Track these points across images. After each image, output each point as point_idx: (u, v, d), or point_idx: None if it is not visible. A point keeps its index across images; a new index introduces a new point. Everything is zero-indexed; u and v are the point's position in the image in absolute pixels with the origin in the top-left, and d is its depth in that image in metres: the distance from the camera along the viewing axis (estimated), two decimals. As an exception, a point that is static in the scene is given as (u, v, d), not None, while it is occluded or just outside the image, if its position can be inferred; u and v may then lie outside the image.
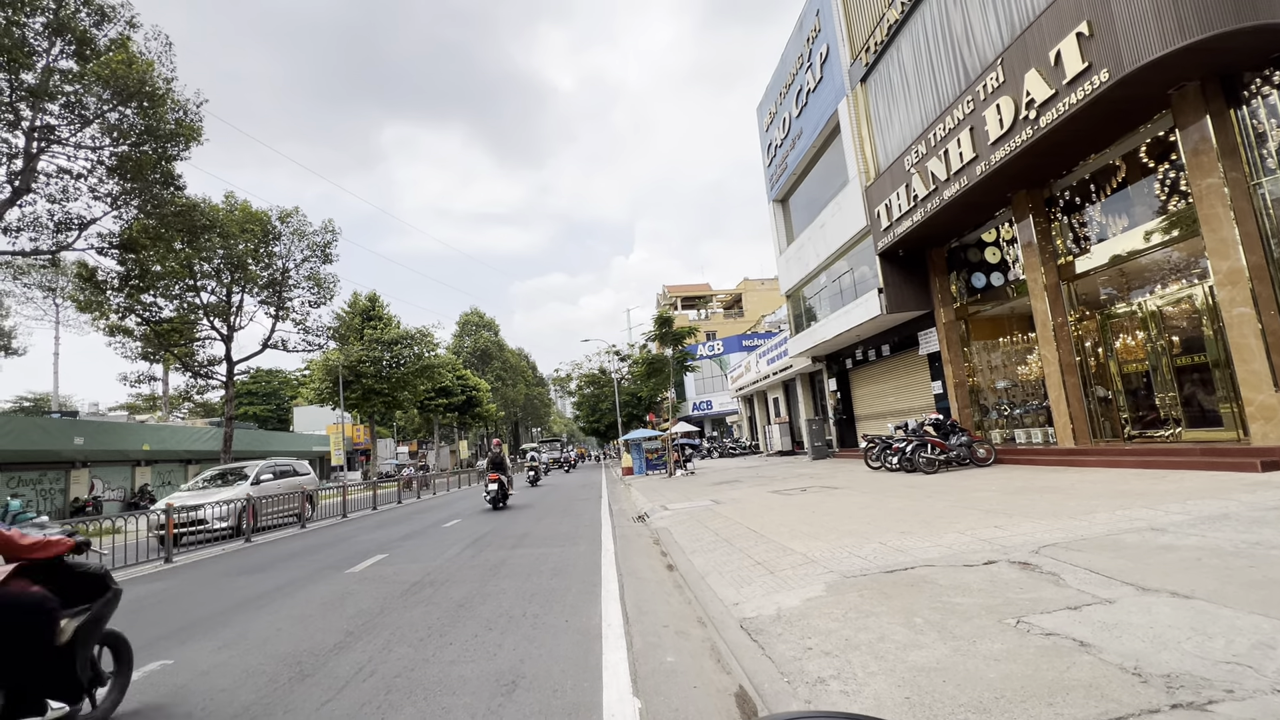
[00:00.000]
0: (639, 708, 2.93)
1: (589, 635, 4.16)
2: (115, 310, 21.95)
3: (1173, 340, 9.73)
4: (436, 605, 5.34)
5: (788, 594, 4.45)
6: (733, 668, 3.42)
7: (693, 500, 11.71)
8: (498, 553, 8.01)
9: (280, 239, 25.37)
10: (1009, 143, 10.09)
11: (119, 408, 48.10)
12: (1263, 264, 7.90)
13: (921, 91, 13.73)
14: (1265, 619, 2.98)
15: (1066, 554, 4.59)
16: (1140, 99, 8.66)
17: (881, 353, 18.34)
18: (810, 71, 19.05)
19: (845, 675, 2.91)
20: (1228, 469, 7.94)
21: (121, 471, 26.49)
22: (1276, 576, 3.59)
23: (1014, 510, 6.71)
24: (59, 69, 16.10)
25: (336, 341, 29.66)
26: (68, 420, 25.51)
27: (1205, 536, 4.69)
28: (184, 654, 4.46)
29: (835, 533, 6.54)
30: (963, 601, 3.75)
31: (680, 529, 8.45)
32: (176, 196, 19.23)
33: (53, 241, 18.15)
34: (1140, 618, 3.18)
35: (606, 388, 48.63)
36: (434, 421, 53.89)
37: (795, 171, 21.52)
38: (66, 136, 17.00)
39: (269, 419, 56.73)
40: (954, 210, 12.42)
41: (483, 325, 74.33)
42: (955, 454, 12.26)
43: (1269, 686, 2.35)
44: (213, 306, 24.18)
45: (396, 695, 3.32)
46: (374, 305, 39.43)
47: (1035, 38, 9.42)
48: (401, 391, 37.90)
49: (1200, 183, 8.31)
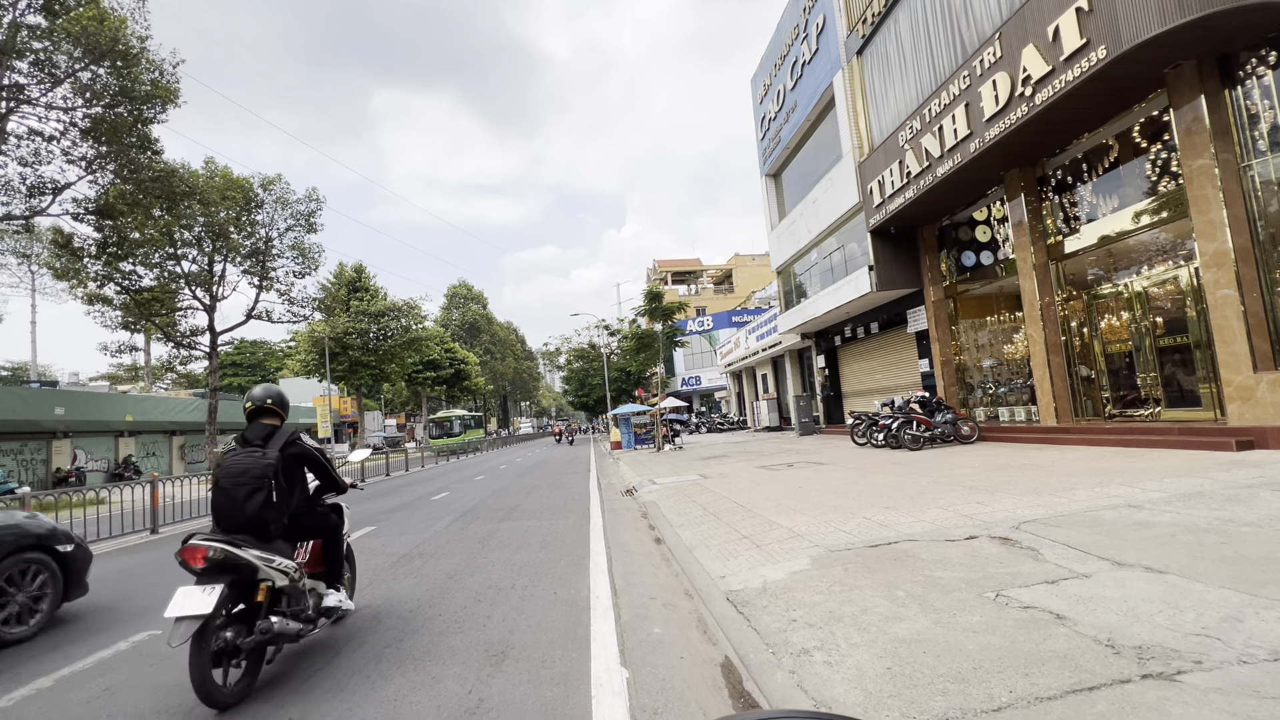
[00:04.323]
0: (627, 678, 2.99)
1: (577, 607, 4.21)
2: (93, 278, 21.44)
3: (1156, 321, 9.85)
4: (425, 577, 5.38)
5: (773, 567, 4.52)
6: (719, 639, 3.48)
7: (680, 475, 11.82)
8: (486, 525, 8.06)
9: (263, 207, 24.80)
10: (1004, 119, 10.01)
11: (100, 378, 47.42)
12: (1248, 246, 7.97)
13: (918, 66, 13.55)
14: (1234, 593, 3.08)
15: (1046, 530, 4.70)
16: (1137, 77, 8.61)
17: (870, 330, 18.43)
18: (806, 43, 18.70)
19: (829, 647, 2.97)
20: (1204, 448, 8.13)
21: (104, 442, 26.23)
22: (1247, 552, 3.70)
23: (996, 487, 6.84)
24: (26, 24, 15.40)
25: (322, 313, 29.25)
26: (48, 390, 25.10)
27: (1180, 513, 4.81)
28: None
29: (821, 508, 6.64)
30: (944, 575, 3.83)
31: (668, 503, 8.54)
32: (154, 161, 18.64)
33: (25, 206, 17.58)
34: (1115, 591, 3.27)
35: (595, 362, 48.61)
36: (422, 394, 53.73)
37: (789, 145, 21.28)
38: (36, 97, 16.35)
39: (254, 390, 56.17)
40: (947, 188, 12.37)
41: (471, 298, 73.74)
42: (940, 431, 12.44)
43: (1236, 658, 2.43)
44: (194, 276, 23.70)
45: (386, 665, 3.35)
46: (360, 276, 38.90)
47: (1034, 12, 9.28)
48: (389, 364, 37.67)
49: (1191, 163, 8.32)
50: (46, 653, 3.99)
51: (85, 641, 4.17)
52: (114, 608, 5.10)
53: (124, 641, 4.10)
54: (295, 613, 3.34)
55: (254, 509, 3.18)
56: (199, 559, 3.00)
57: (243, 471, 3.23)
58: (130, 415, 26.84)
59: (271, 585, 3.18)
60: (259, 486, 3.21)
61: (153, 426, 28.53)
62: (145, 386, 40.00)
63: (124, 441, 27.15)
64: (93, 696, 3.22)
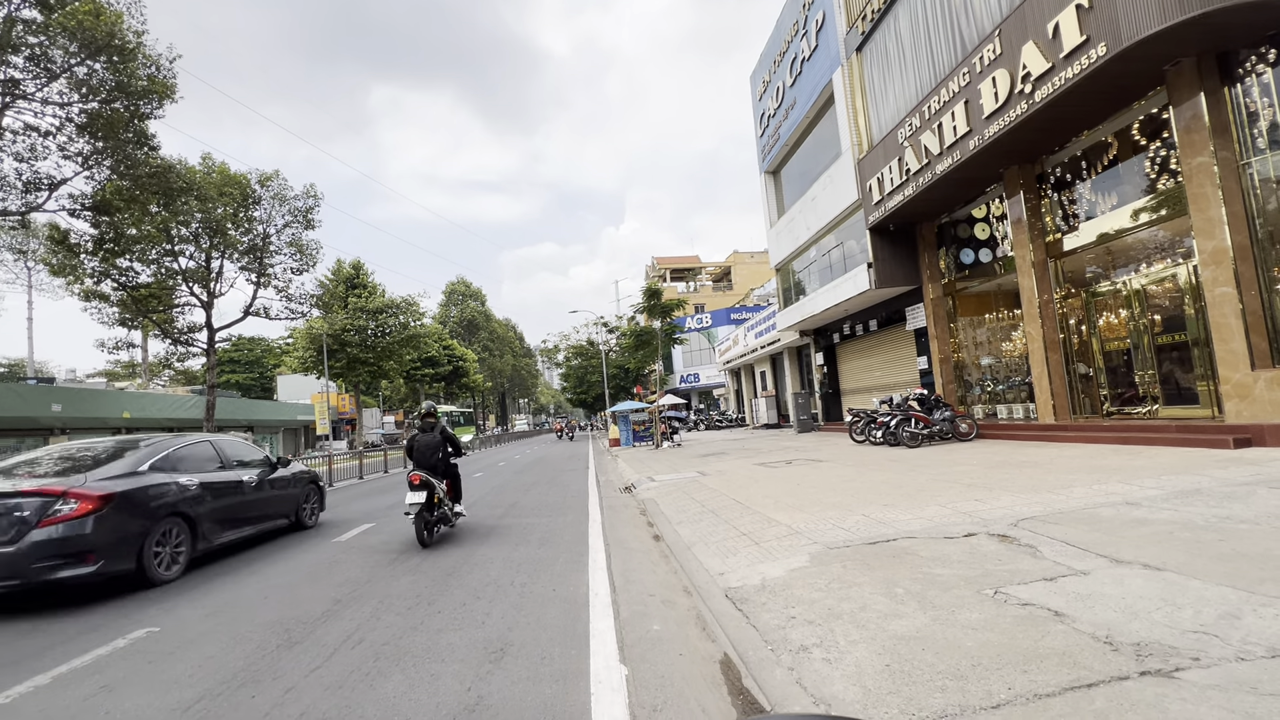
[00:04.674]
0: (626, 675, 2.99)
1: (576, 604, 4.21)
2: (90, 274, 21.33)
3: (1154, 319, 9.87)
4: (424, 574, 5.38)
5: (772, 564, 4.52)
6: (718, 636, 3.48)
7: (679, 472, 11.83)
8: (485, 522, 8.05)
9: (260, 203, 24.68)
10: (1004, 117, 10.00)
11: (97, 375, 47.25)
12: (1247, 244, 7.97)
13: (917, 62, 13.52)
14: (1232, 590, 3.09)
15: (1044, 527, 4.70)
16: (1136, 74, 8.60)
17: (869, 327, 18.43)
18: (805, 39, 18.66)
19: (827, 644, 2.97)
20: (1202, 445, 8.15)
21: (102, 439, 26.14)
22: (1244, 550, 3.71)
23: (994, 484, 6.85)
24: (21, 18, 15.31)
25: (320, 309, 29.16)
26: (44, 387, 25.03)
27: (1178, 511, 4.82)
28: (170, 621, 4.46)
29: (819, 505, 6.65)
30: (943, 572, 3.84)
31: (667, 500, 8.54)
32: (151, 157, 18.53)
33: (21, 202, 17.49)
34: (1113, 589, 3.28)
35: (594, 360, 48.59)
36: (420, 391, 53.69)
37: (788, 143, 21.24)
38: (32, 91, 16.24)
39: (252, 387, 56.16)
40: (946, 185, 12.37)
41: (469, 295, 73.63)
42: (938, 429, 12.45)
43: (1233, 655, 2.43)
44: (191, 272, 23.60)
45: (384, 662, 3.35)
46: (358, 273, 38.79)
47: (1034, 9, 9.26)
48: (387, 361, 37.60)
49: (1191, 161, 8.32)
50: (44, 650, 3.98)
51: (83, 639, 4.17)
52: (113, 604, 5.08)
53: (122, 639, 4.09)
54: (442, 513, 6.89)
55: (433, 460, 7.01)
56: (416, 480, 6.47)
57: (427, 443, 7.04)
58: (128, 412, 26.76)
59: (439, 496, 6.74)
60: (435, 449, 7.03)
61: (150, 423, 28.45)
62: (143, 383, 39.92)
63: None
64: (90, 694, 3.21)
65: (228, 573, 6.04)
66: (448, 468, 7.15)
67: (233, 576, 5.85)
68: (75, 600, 5.18)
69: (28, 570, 4.81)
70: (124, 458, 5.96)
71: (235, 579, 5.74)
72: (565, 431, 44.27)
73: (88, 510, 5.11)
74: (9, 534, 4.87)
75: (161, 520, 5.76)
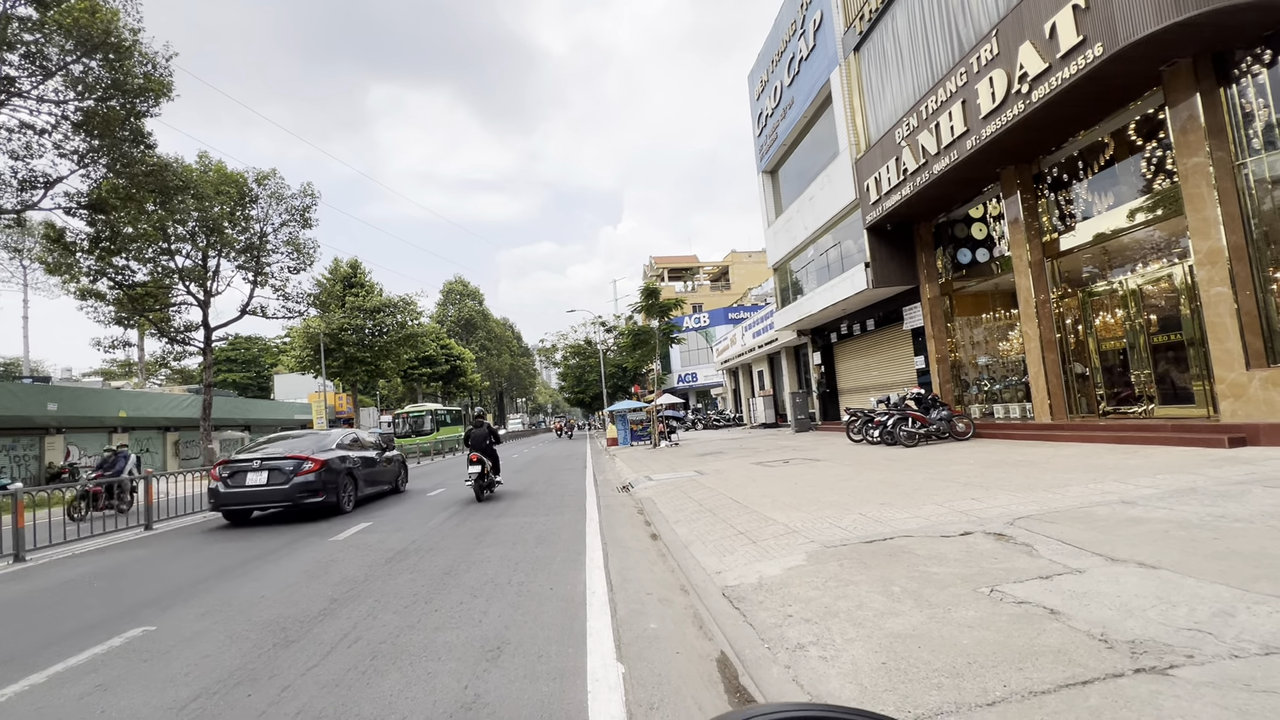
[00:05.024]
0: (623, 673, 2.99)
1: (573, 602, 4.21)
2: (86, 273, 21.28)
3: (1150, 319, 9.90)
4: (421, 573, 5.37)
5: (769, 563, 4.53)
6: (714, 634, 3.49)
7: (676, 471, 11.84)
8: (482, 521, 8.05)
9: (257, 202, 24.63)
10: (1000, 117, 10.03)
11: (93, 374, 47.13)
12: (1242, 244, 8.01)
13: (915, 62, 13.54)
14: (1226, 588, 3.10)
15: (1040, 526, 4.72)
16: (1132, 75, 8.62)
17: (866, 327, 18.47)
18: (803, 39, 18.67)
19: (824, 642, 2.98)
20: (1197, 444, 8.18)
21: (98, 438, 26.05)
22: (1238, 548, 3.72)
23: (990, 483, 6.87)
24: (17, 16, 15.25)
25: (317, 309, 29.10)
26: (40, 386, 24.91)
27: (1173, 510, 4.84)
28: (167, 620, 4.46)
29: (816, 504, 6.66)
30: (939, 571, 3.85)
31: (664, 499, 8.55)
32: (147, 155, 18.49)
33: (17, 200, 17.43)
34: (1108, 587, 3.29)
35: (592, 359, 48.59)
36: (418, 390, 53.61)
37: (785, 142, 21.26)
38: (28, 89, 16.19)
39: (249, 386, 55.93)
40: (943, 185, 12.39)
41: (467, 294, 73.54)
42: (935, 428, 12.48)
43: (1227, 652, 2.45)
44: (188, 271, 23.53)
45: (381, 661, 3.35)
46: (355, 272, 38.68)
47: (1031, 9, 9.28)
48: (384, 360, 37.52)
49: (1186, 161, 8.35)
50: (40, 649, 3.97)
51: (79, 638, 4.16)
52: (112, 602, 5.07)
53: (118, 638, 4.09)
54: (490, 479, 10.47)
55: (484, 444, 10.73)
56: (475, 458, 10.28)
57: (479, 435, 10.79)
58: (124, 411, 26.68)
59: (489, 468, 10.49)
60: (486, 438, 10.81)
61: (146, 422, 28.35)
62: (139, 382, 39.80)
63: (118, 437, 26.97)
64: (86, 692, 3.20)
65: (222, 573, 6.03)
66: (490, 452, 10.72)
67: (230, 576, 5.84)
68: (277, 524, 9.16)
69: (294, 496, 8.98)
70: (325, 441, 10.26)
71: (232, 578, 5.73)
72: (564, 430, 45.77)
73: (317, 468, 9.26)
74: (283, 479, 9.06)
75: (344, 476, 9.85)
